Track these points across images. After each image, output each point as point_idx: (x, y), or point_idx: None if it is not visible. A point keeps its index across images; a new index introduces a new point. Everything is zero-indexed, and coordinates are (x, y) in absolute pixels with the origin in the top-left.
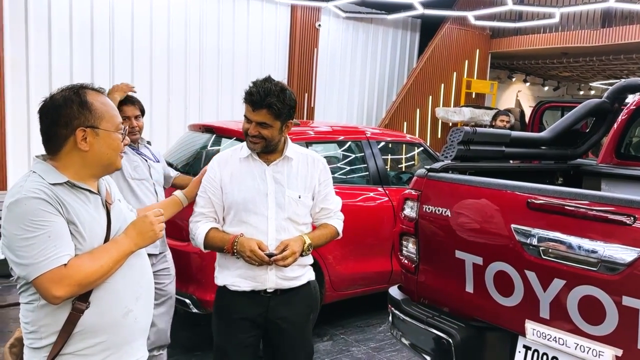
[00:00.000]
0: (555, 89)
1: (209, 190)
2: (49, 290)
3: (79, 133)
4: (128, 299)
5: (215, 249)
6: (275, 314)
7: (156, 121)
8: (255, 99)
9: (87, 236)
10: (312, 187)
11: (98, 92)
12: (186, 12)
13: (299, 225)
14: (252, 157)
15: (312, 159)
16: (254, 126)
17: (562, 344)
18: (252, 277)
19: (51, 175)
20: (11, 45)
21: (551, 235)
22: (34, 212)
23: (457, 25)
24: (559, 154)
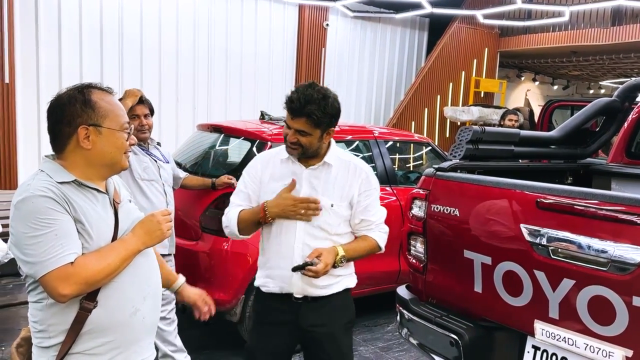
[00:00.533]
0: (564, 87)
1: (249, 186)
2: (55, 288)
3: (81, 131)
4: (136, 298)
5: (250, 225)
6: (308, 322)
7: (165, 121)
8: (295, 107)
9: (94, 235)
10: (349, 196)
11: (105, 92)
12: (195, 12)
13: (330, 235)
14: (291, 160)
15: (354, 167)
16: (292, 133)
17: (572, 345)
18: (280, 277)
19: (59, 174)
20: (21, 46)
21: (561, 235)
22: (41, 210)
23: (466, 24)
24: (569, 153)
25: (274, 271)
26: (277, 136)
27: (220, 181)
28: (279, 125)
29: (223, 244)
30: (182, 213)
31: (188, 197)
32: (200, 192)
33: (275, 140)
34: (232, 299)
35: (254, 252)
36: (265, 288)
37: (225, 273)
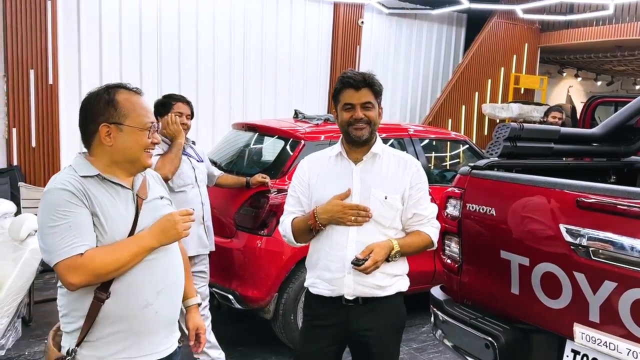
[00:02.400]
0: (608, 83)
1: (297, 190)
2: (65, 277)
3: (102, 129)
4: (148, 293)
5: (305, 233)
6: (358, 326)
7: (202, 121)
8: (357, 79)
9: (109, 229)
10: (401, 189)
11: (131, 92)
12: (231, 13)
13: (385, 228)
14: (341, 156)
15: (404, 161)
16: (359, 109)
17: (614, 349)
18: (329, 280)
19: (84, 169)
20: (64, 49)
21: (602, 236)
22: (59, 202)
23: (505, 19)
24: (612, 151)
25: (324, 273)
26: (310, 134)
27: (254, 180)
28: (312, 123)
29: (257, 242)
30: (218, 211)
31: (223, 195)
32: (235, 191)
33: (309, 138)
34: (265, 296)
35: (288, 250)
36: (315, 289)
37: (258, 270)
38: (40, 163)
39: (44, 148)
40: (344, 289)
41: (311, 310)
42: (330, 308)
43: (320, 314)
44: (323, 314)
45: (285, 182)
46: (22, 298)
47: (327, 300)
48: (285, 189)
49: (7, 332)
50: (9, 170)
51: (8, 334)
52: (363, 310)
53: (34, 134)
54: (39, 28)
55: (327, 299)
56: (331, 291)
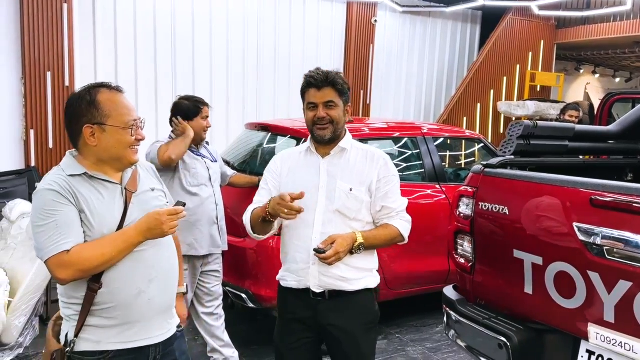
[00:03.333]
0: (627, 80)
1: (270, 182)
2: (54, 273)
3: (85, 130)
4: (140, 282)
5: (259, 223)
6: (325, 320)
7: (216, 120)
8: (320, 79)
9: (96, 224)
10: (367, 182)
11: (113, 91)
12: (244, 13)
13: (350, 220)
14: (310, 151)
15: (371, 154)
16: (321, 108)
17: (629, 350)
18: (296, 272)
19: (71, 168)
20: (80, 51)
21: (616, 234)
22: (46, 202)
23: (520, 16)
24: (629, 149)
25: (292, 265)
26: None
27: None
28: None
29: (269, 241)
30: (231, 210)
31: (236, 195)
32: (248, 190)
33: None
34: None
35: None
36: (284, 282)
37: (271, 270)
38: (57, 164)
39: (61, 149)
40: (310, 279)
41: (283, 304)
42: (299, 301)
43: (291, 307)
44: (293, 307)
45: None
46: (40, 297)
47: (296, 293)
48: None
49: (25, 331)
50: (26, 171)
51: (26, 332)
52: (330, 305)
53: (51, 135)
54: (56, 31)
55: (296, 292)
56: (298, 282)
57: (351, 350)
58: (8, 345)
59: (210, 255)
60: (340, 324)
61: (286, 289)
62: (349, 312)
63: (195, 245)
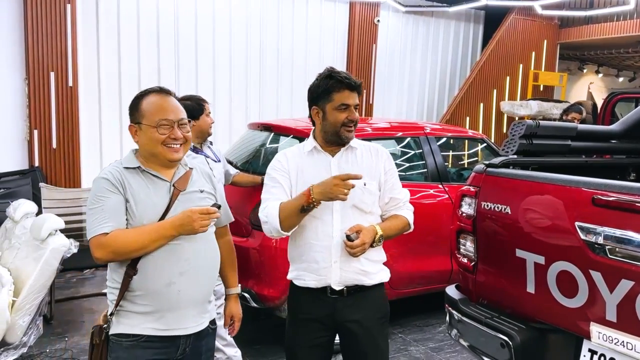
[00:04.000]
0: (631, 80)
1: (280, 178)
2: (92, 251)
3: (129, 129)
4: (171, 273)
5: (293, 216)
6: (344, 317)
7: (219, 120)
8: (355, 81)
9: (138, 214)
10: (377, 176)
11: (159, 94)
12: (247, 13)
13: (365, 213)
14: (316, 150)
15: (375, 149)
16: (354, 110)
17: (631, 349)
18: (316, 270)
19: (128, 161)
20: (84, 51)
21: (618, 234)
22: (99, 189)
23: (523, 15)
24: (632, 148)
25: (310, 265)
26: None
27: None
28: None
29: (272, 241)
30: (233, 210)
31: (239, 194)
32: (251, 190)
33: None
34: (281, 295)
35: None
36: (301, 282)
37: (274, 269)
38: (61, 164)
39: (64, 149)
40: (332, 277)
41: (297, 303)
42: (316, 300)
43: (306, 306)
44: (309, 306)
45: None
46: (43, 296)
47: (313, 292)
48: None
49: (29, 330)
50: (30, 171)
51: (30, 332)
52: (348, 301)
53: (54, 135)
54: (59, 31)
55: (313, 291)
56: (317, 281)
57: (368, 345)
58: (12, 344)
59: None
60: (358, 319)
61: (302, 288)
62: (366, 307)
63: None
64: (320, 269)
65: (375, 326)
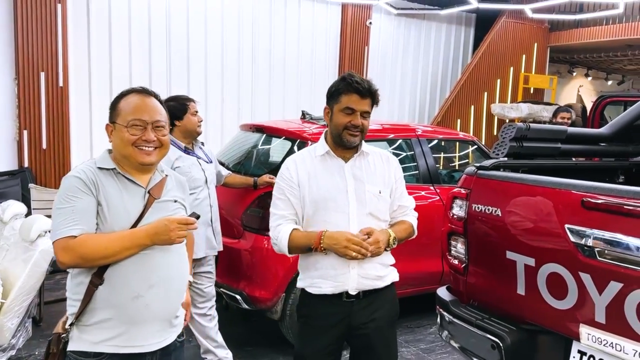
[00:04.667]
0: (619, 83)
1: (287, 191)
2: (57, 254)
3: (106, 128)
4: (139, 285)
5: (301, 250)
6: (359, 320)
7: (211, 122)
8: (364, 87)
9: (110, 218)
10: (390, 183)
11: (139, 94)
12: (239, 14)
13: (380, 221)
14: (329, 155)
15: (386, 156)
16: (359, 116)
17: (620, 350)
18: (333, 277)
19: (102, 161)
20: (74, 51)
21: (607, 236)
22: (70, 188)
23: (514, 19)
24: (620, 151)
25: (327, 272)
26: (317, 135)
27: (261, 180)
28: (319, 124)
29: (264, 242)
30: (225, 211)
31: (230, 195)
32: (242, 191)
33: (316, 139)
34: (273, 297)
35: None
36: (316, 289)
37: (266, 271)
38: (51, 164)
39: (54, 150)
40: (349, 284)
41: (311, 311)
42: (332, 306)
43: (321, 312)
44: (324, 312)
45: None
46: (33, 298)
47: (328, 298)
48: None
49: (17, 332)
50: (20, 172)
51: (19, 334)
52: (363, 303)
53: (44, 135)
54: (50, 31)
55: (328, 297)
56: (335, 287)
57: (381, 346)
58: (0, 347)
59: (205, 256)
60: (373, 320)
61: (316, 295)
62: (380, 308)
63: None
64: (338, 276)
65: (386, 326)
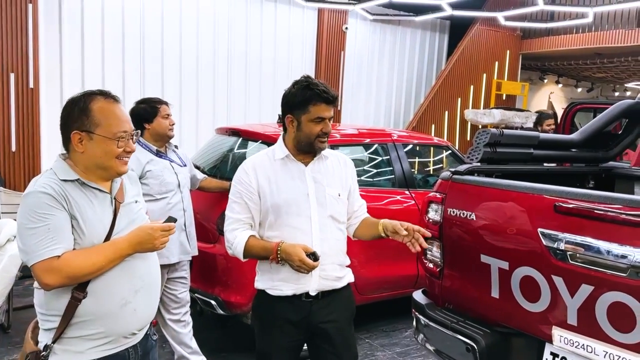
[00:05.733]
0: (589, 90)
1: (244, 195)
2: (40, 277)
3: (74, 136)
4: (126, 292)
5: (257, 258)
6: (318, 318)
7: (185, 125)
8: (332, 96)
9: (87, 232)
10: (347, 186)
11: (108, 100)
12: (214, 16)
13: (339, 223)
14: (289, 159)
15: (343, 159)
16: (329, 124)
17: (591, 352)
18: (295, 280)
19: (64, 172)
20: (46, 52)
21: (579, 240)
22: (39, 205)
23: (487, 26)
24: (590, 157)
25: (290, 274)
26: None
27: None
28: None
29: None
30: (200, 216)
31: (205, 199)
32: (218, 195)
33: None
34: (248, 301)
35: None
36: (277, 291)
37: (241, 276)
38: (21, 168)
39: (24, 153)
40: (311, 285)
41: (269, 311)
42: (291, 306)
43: (281, 312)
44: (284, 312)
45: None
46: (1, 304)
47: (288, 299)
48: None
49: None
50: None
51: None
52: (322, 303)
53: (14, 138)
54: (20, 31)
55: (289, 298)
56: (296, 289)
57: (341, 343)
58: None
59: (179, 262)
60: (331, 319)
61: (276, 297)
62: (338, 307)
63: (166, 253)
64: (300, 278)
65: (347, 326)
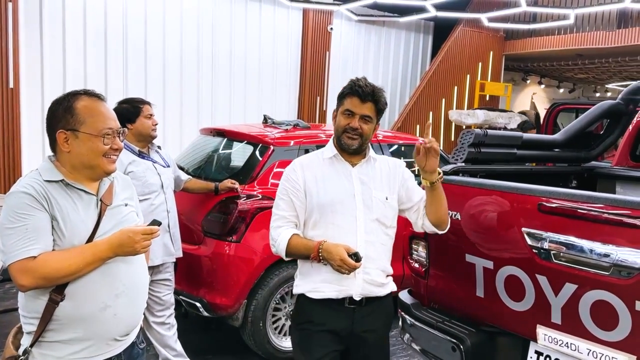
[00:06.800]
0: (570, 91)
1: (291, 193)
2: (16, 278)
3: (59, 135)
4: (105, 295)
5: (299, 257)
6: (361, 327)
7: (169, 125)
8: (366, 91)
9: (68, 233)
10: (396, 190)
11: (92, 98)
12: (198, 16)
13: (387, 228)
14: (337, 158)
15: (393, 162)
16: (357, 119)
17: (575, 350)
18: (338, 281)
19: (48, 173)
20: (26, 51)
21: (562, 239)
22: (19, 205)
23: (471, 27)
24: (573, 157)
25: (332, 275)
26: (279, 140)
27: (223, 185)
28: (281, 129)
29: (225, 248)
30: (185, 217)
31: (190, 201)
32: (203, 196)
33: (278, 144)
34: (234, 303)
35: (257, 257)
36: (319, 294)
37: (227, 277)
38: (1, 168)
39: (4, 154)
40: (353, 288)
41: (311, 317)
42: (332, 312)
43: (321, 318)
44: (324, 318)
45: (255, 187)
46: None
47: (330, 304)
48: (255, 194)
49: None
50: None
51: None
52: (366, 311)
53: None
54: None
55: (330, 303)
56: (338, 292)
57: (379, 355)
58: None
59: (163, 264)
60: (374, 329)
61: (316, 300)
62: (381, 316)
63: (149, 255)
64: (343, 280)
65: (385, 336)
